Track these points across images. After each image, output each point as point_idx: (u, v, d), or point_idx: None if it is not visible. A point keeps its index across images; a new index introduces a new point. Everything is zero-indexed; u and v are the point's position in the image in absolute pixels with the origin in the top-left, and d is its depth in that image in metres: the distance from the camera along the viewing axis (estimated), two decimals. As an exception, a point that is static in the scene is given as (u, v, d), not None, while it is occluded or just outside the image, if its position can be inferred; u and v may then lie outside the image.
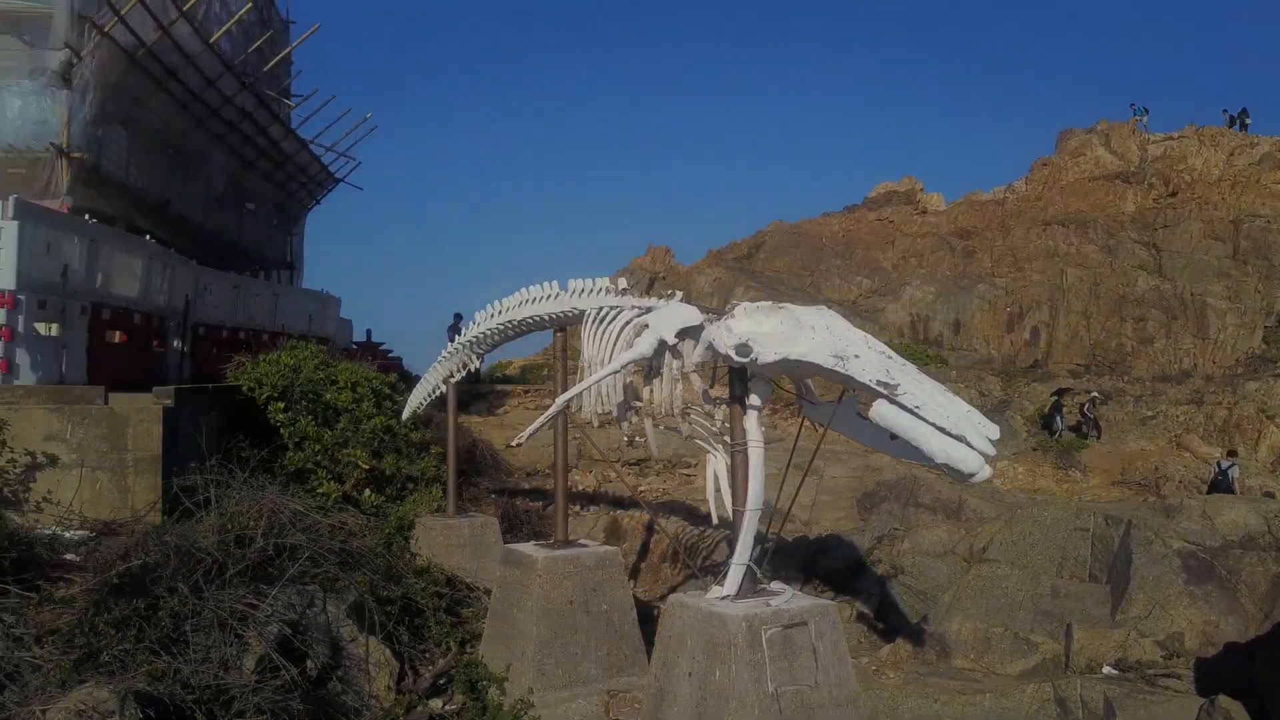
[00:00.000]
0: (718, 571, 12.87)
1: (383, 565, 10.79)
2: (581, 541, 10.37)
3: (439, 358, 12.56)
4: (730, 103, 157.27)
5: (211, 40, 17.84)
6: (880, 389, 5.95)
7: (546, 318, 10.02)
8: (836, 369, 6.17)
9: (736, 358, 6.64)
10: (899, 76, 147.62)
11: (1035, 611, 10.13)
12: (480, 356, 11.86)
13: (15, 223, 12.09)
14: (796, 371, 6.63)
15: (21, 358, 12.24)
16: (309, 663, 8.85)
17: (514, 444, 10.16)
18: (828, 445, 19.37)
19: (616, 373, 7.86)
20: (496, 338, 11.19)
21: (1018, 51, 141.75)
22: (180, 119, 18.67)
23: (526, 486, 17.94)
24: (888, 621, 10.44)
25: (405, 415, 14.05)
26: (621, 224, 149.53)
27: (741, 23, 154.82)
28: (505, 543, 12.04)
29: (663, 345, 7.55)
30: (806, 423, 7.85)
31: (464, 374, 12.29)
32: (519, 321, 10.46)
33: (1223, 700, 7.77)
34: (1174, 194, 34.09)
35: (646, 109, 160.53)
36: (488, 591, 10.97)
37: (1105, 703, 8.15)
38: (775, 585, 7.52)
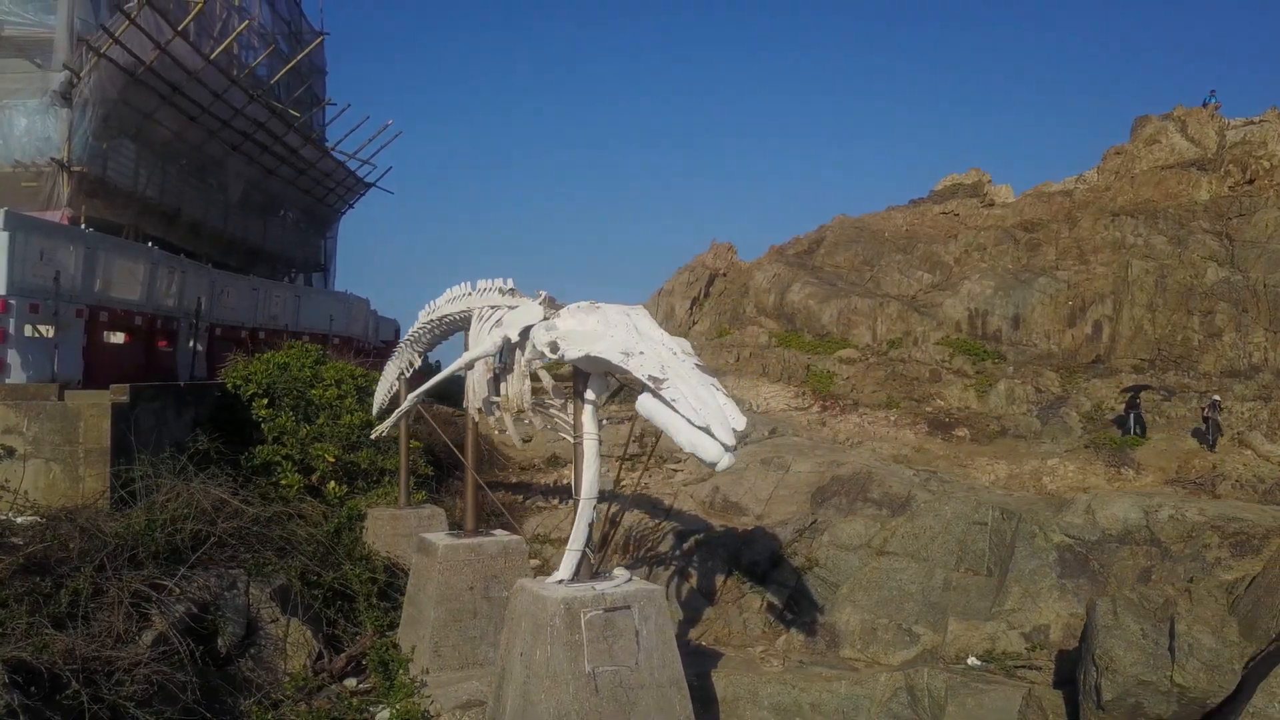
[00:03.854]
0: (660, 561, 13.28)
1: (319, 552, 11.41)
2: (491, 531, 10.80)
3: (392, 355, 13.15)
4: (800, 96, 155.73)
5: (212, 55, 18.76)
6: (649, 383, 6.24)
7: (458, 316, 10.45)
8: (621, 364, 6.49)
9: (549, 354, 7.03)
10: (973, 65, 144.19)
11: (924, 604, 10.18)
12: (420, 354, 12.37)
13: (5, 233, 13.08)
14: (600, 366, 6.95)
15: (13, 358, 13.22)
16: (220, 641, 9.50)
17: (373, 436, 10.64)
18: (798, 441, 19.38)
19: (468, 368, 8.27)
20: (428, 336, 11.69)
21: (1096, 36, 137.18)
22: (192, 131, 19.67)
23: (514, 480, 18.48)
24: (796, 612, 10.61)
25: (375, 411, 14.66)
26: (692, 220, 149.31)
27: (812, 13, 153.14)
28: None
29: (508, 342, 7.94)
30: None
31: (412, 371, 12.81)
32: (440, 320, 10.92)
33: (1038, 691, 7.82)
34: (1251, 181, 32.27)
35: (713, 103, 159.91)
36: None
37: (945, 691, 8.25)
38: (617, 571, 7.84)
